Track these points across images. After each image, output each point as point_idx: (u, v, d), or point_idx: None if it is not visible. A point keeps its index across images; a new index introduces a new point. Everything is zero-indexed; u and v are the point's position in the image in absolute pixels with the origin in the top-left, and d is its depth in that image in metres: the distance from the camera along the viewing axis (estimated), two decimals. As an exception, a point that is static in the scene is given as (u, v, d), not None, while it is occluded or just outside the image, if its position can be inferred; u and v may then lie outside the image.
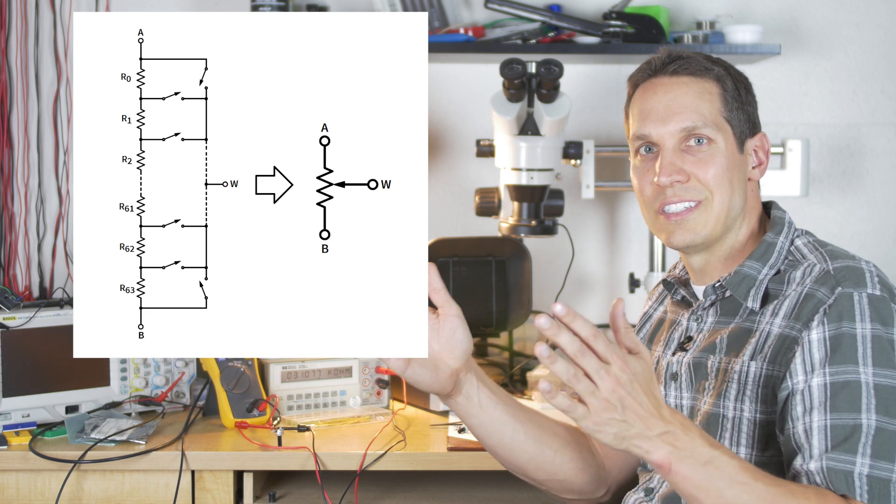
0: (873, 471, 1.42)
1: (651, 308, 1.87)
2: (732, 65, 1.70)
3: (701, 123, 1.63)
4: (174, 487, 2.00)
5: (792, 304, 1.55)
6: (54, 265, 2.78)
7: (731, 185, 1.63)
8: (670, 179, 1.62)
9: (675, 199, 1.63)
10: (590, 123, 2.81)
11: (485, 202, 2.53)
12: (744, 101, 1.67)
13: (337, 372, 2.33)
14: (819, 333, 1.50)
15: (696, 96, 1.64)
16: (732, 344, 1.61)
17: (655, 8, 2.67)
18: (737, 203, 1.65)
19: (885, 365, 1.46)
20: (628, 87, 1.74)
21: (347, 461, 2.01)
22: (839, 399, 1.46)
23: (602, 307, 2.86)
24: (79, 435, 2.07)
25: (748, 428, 1.57)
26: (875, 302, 1.50)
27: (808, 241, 1.65)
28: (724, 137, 1.64)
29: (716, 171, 1.63)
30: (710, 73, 1.66)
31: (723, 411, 1.59)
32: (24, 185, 2.76)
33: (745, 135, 1.67)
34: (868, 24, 2.81)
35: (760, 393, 1.55)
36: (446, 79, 2.83)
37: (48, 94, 2.76)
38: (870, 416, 1.44)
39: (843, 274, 1.53)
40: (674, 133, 1.63)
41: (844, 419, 1.45)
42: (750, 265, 1.63)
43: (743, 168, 1.66)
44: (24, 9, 2.73)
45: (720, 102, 1.65)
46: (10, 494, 2.02)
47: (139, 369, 2.28)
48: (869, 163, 2.83)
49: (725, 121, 1.65)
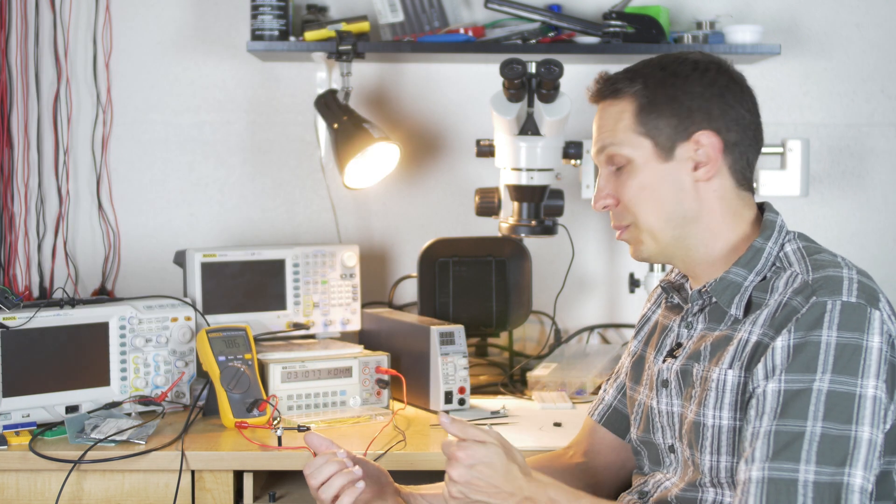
0: (819, 477, 1.41)
1: (649, 311, 1.87)
2: (674, 63, 1.65)
3: (609, 143, 1.66)
4: (174, 487, 2.00)
5: (771, 313, 1.55)
6: (54, 265, 2.78)
7: (655, 199, 1.62)
8: (600, 205, 1.68)
9: (613, 222, 1.70)
10: (590, 123, 2.77)
11: (485, 202, 2.53)
12: (668, 104, 1.62)
13: (337, 372, 2.33)
14: (784, 340, 1.49)
15: (612, 118, 1.67)
16: (714, 351, 1.61)
17: (655, 8, 2.67)
18: (673, 212, 1.62)
19: (844, 372, 1.45)
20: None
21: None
22: (789, 406, 1.45)
23: (602, 307, 2.86)
24: (79, 435, 2.07)
25: (728, 436, 1.56)
26: (848, 309, 1.48)
27: (798, 246, 1.63)
28: (641, 153, 1.63)
29: (633, 192, 1.64)
30: (624, 93, 1.65)
31: (703, 420, 1.59)
32: (24, 185, 2.76)
33: (674, 140, 1.62)
34: (868, 24, 2.81)
35: (739, 401, 1.55)
36: (446, 79, 2.83)
37: (48, 94, 2.76)
38: (815, 424, 1.43)
39: (821, 283, 1.52)
40: (599, 158, 1.69)
41: (789, 426, 1.44)
42: (735, 272, 1.62)
43: (676, 176, 1.63)
44: (24, 9, 2.73)
45: (631, 119, 1.64)
46: (10, 494, 2.02)
47: (139, 369, 2.28)
48: (869, 163, 2.83)
49: (641, 135, 1.63)
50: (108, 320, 2.26)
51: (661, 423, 1.71)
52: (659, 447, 1.72)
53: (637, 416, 1.78)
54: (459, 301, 2.66)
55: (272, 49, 2.61)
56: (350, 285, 2.61)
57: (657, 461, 1.74)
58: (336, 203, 2.83)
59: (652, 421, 1.73)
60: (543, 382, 2.52)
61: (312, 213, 2.84)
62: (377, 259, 2.85)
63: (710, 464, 1.58)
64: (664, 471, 1.71)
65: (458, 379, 2.33)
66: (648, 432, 1.74)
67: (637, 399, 1.78)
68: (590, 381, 2.50)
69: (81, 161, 2.79)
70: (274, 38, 2.61)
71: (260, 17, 2.61)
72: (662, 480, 1.70)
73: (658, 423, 1.71)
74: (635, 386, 1.80)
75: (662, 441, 1.71)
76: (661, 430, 1.71)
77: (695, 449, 1.60)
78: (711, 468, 1.58)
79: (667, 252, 1.66)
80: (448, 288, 2.64)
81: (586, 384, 2.50)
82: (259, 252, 2.53)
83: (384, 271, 2.85)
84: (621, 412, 1.86)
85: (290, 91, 2.82)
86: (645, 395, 1.76)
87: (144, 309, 2.30)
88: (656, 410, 1.71)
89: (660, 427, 1.71)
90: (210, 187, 2.83)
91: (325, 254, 2.59)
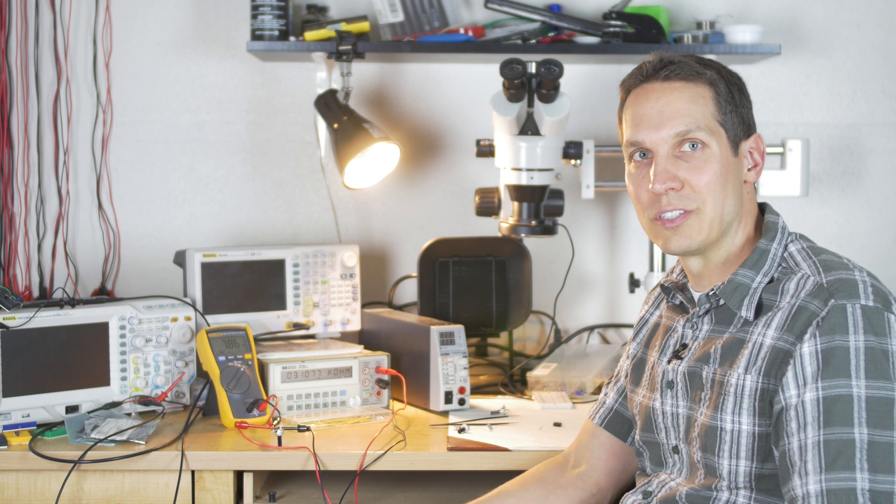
0: (874, 485, 1.41)
1: (647, 312, 1.86)
2: (725, 66, 1.69)
3: (694, 127, 1.61)
4: (174, 487, 2.00)
5: (785, 316, 1.55)
6: (54, 265, 2.78)
7: (724, 190, 1.62)
8: (664, 187, 1.61)
9: (669, 207, 1.62)
10: (590, 123, 2.80)
11: (485, 202, 2.53)
12: (738, 103, 1.66)
13: (337, 372, 2.33)
14: (811, 347, 1.49)
15: (689, 101, 1.63)
16: (726, 354, 1.60)
17: (655, 8, 2.66)
18: (730, 207, 1.63)
19: (878, 377, 1.45)
20: (621, 93, 1.72)
21: (347, 461, 2.01)
22: (832, 414, 1.45)
23: (602, 307, 2.86)
24: (79, 435, 2.07)
25: (747, 441, 1.56)
26: (868, 313, 1.49)
27: (802, 246, 1.63)
28: (717, 142, 1.63)
29: (709, 179, 1.61)
30: (702, 77, 1.64)
31: (721, 424, 1.58)
32: (24, 185, 2.75)
33: (740, 137, 1.66)
34: (868, 24, 2.81)
35: (757, 406, 1.55)
36: (446, 79, 2.83)
37: (48, 94, 2.76)
38: (862, 431, 1.43)
39: (837, 286, 1.52)
40: (667, 139, 1.62)
41: (837, 434, 1.44)
42: (744, 274, 1.62)
43: (738, 171, 1.65)
44: (24, 9, 2.73)
45: (713, 106, 1.63)
46: (9, 494, 2.02)
47: (139, 369, 2.28)
48: (869, 163, 2.83)
49: (719, 124, 1.63)
50: (108, 320, 2.26)
51: (664, 424, 1.70)
52: (662, 447, 1.72)
53: (639, 417, 1.77)
54: (459, 301, 2.66)
55: (272, 49, 2.61)
56: (350, 285, 2.61)
57: (659, 462, 1.73)
58: (336, 203, 2.83)
59: (654, 422, 1.72)
60: (543, 382, 2.51)
61: (312, 213, 2.84)
62: (377, 259, 2.85)
63: (728, 468, 1.58)
64: (668, 471, 1.71)
65: (458, 379, 2.33)
66: (651, 433, 1.74)
67: (639, 401, 1.78)
68: (590, 381, 2.50)
69: (81, 161, 2.79)
70: (274, 38, 2.61)
71: (260, 17, 2.61)
72: (667, 481, 1.69)
73: (661, 424, 1.71)
74: (638, 388, 1.79)
75: (666, 441, 1.71)
76: (665, 431, 1.70)
77: (710, 453, 1.59)
78: (730, 472, 1.58)
79: (707, 243, 1.63)
80: (448, 288, 2.64)
81: (586, 384, 2.49)
82: (259, 252, 2.53)
83: (384, 271, 2.85)
84: (623, 415, 1.86)
85: (290, 91, 2.82)
86: (644, 396, 1.76)
87: (144, 309, 2.30)
88: (659, 411, 1.71)
89: (663, 428, 1.71)
90: (210, 187, 2.83)
91: (325, 254, 2.59)
